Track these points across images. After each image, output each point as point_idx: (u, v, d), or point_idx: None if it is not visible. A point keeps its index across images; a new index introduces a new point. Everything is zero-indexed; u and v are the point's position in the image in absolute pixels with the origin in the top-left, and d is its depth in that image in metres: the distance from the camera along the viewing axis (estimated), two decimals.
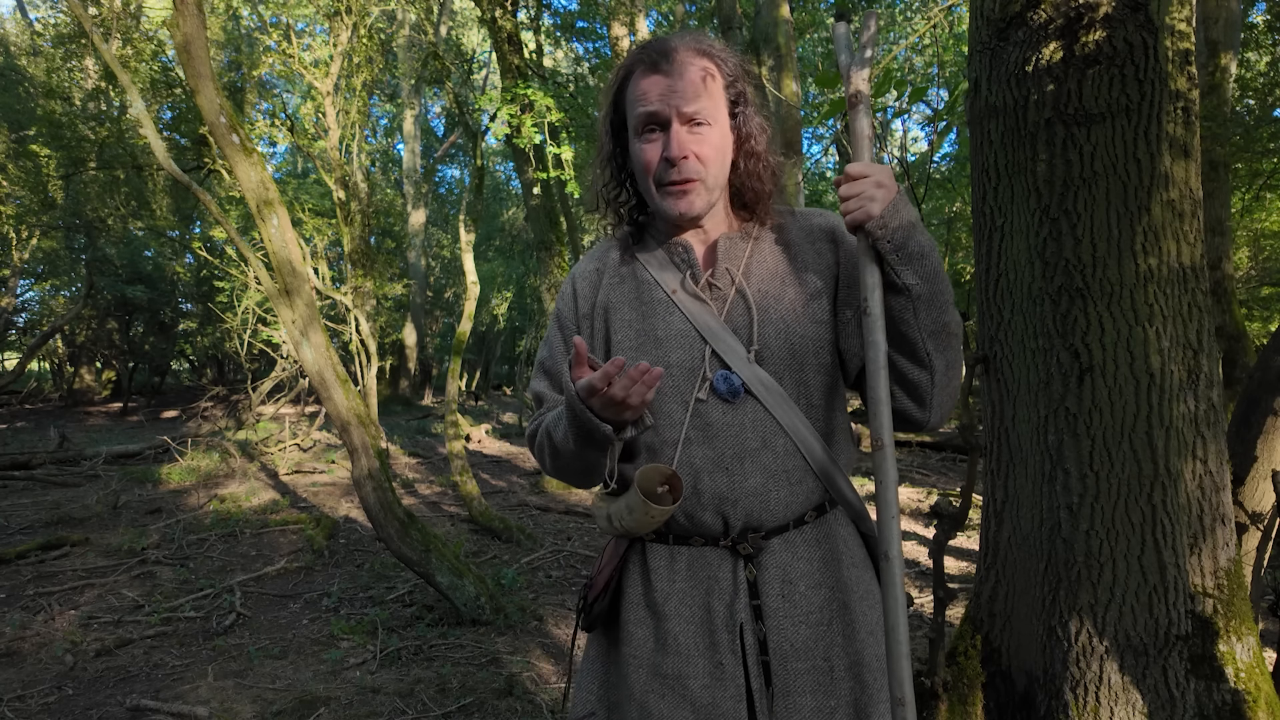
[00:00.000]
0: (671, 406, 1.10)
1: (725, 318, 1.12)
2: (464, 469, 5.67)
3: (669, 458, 1.09)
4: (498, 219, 22.18)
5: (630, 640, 1.13)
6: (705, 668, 1.07)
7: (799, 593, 1.09)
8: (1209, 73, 5.43)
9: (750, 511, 1.08)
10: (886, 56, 3.61)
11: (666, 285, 1.15)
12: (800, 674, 1.06)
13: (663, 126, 1.08)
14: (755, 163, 1.15)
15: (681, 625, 1.09)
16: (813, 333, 1.12)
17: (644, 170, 1.11)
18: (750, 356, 1.09)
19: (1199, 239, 1.76)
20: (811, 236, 1.18)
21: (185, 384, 19.12)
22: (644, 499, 1.03)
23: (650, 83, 1.08)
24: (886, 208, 1.00)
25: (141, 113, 4.18)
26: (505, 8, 6.76)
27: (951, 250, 11.77)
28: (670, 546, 1.13)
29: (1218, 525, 1.71)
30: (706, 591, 1.09)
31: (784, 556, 1.10)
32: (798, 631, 1.07)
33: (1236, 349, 5.01)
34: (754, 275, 1.14)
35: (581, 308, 1.22)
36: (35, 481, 6.85)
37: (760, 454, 1.08)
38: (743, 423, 1.08)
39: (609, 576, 1.15)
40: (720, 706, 1.06)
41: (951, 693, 1.92)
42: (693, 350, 1.10)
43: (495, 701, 2.88)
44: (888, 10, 15.82)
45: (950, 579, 3.94)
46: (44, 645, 3.40)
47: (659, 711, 1.08)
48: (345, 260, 11.60)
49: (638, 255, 1.20)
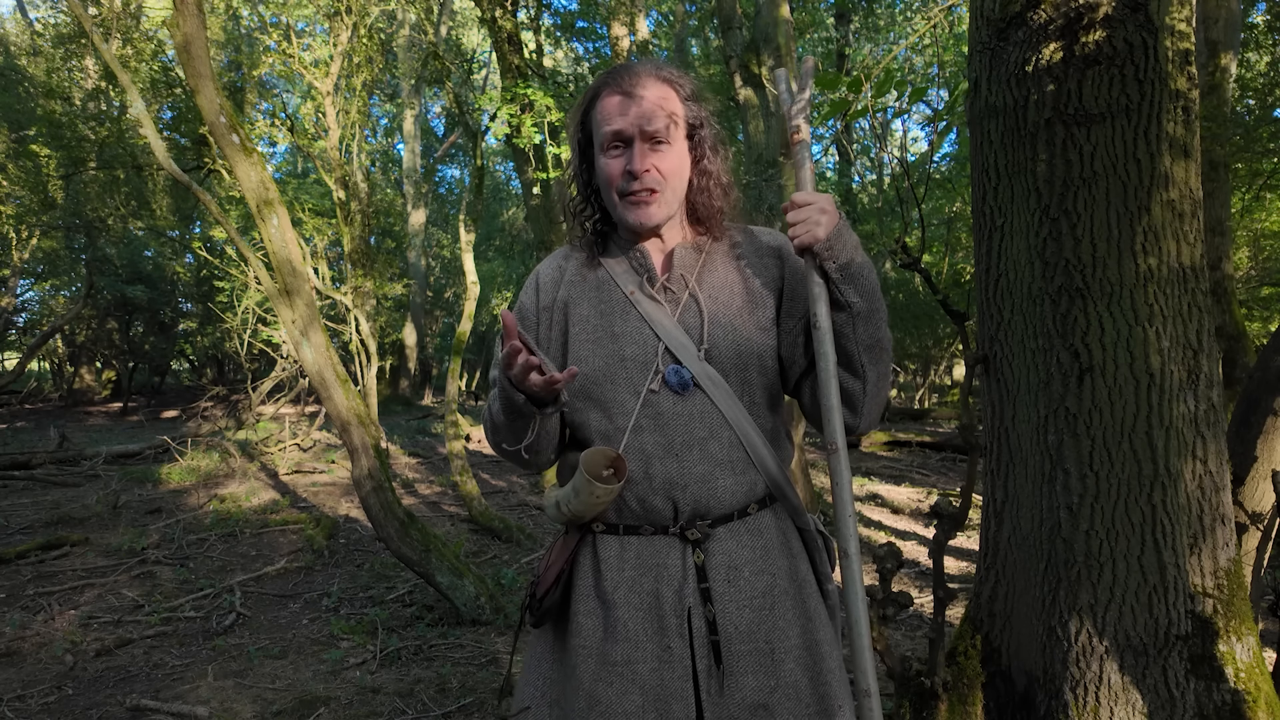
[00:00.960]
0: (624, 396, 1.18)
1: (678, 318, 1.21)
2: (464, 469, 5.67)
3: (619, 443, 1.16)
4: (498, 219, 22.18)
5: (579, 631, 1.17)
6: (653, 651, 1.13)
7: (743, 578, 1.16)
8: (1209, 73, 5.43)
9: (698, 497, 1.15)
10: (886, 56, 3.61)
11: (625, 287, 1.24)
12: (743, 655, 1.13)
13: (626, 143, 1.19)
14: (708, 180, 1.25)
15: (630, 612, 1.15)
16: (757, 338, 1.21)
17: (608, 182, 1.21)
18: (700, 354, 1.18)
19: (1199, 239, 1.76)
20: (760, 252, 1.28)
21: (185, 384, 19.13)
22: (589, 479, 1.09)
23: (616, 104, 1.18)
24: (831, 232, 1.11)
25: (141, 113, 4.18)
26: (505, 8, 6.76)
27: (951, 250, 11.77)
28: (620, 537, 1.19)
29: (1218, 525, 1.71)
30: (655, 578, 1.16)
31: (729, 544, 1.17)
32: (741, 615, 1.14)
33: (1236, 349, 5.01)
34: (706, 282, 1.24)
35: (543, 300, 1.30)
36: (35, 481, 6.85)
37: (707, 443, 1.16)
38: (691, 413, 1.16)
39: (560, 570, 1.20)
40: (669, 687, 1.11)
41: (951, 693, 1.92)
42: (647, 346, 1.19)
43: (495, 701, 2.88)
44: (888, 10, 15.82)
45: (950, 579, 3.94)
46: (44, 645, 3.40)
47: (607, 698, 1.12)
48: (345, 260, 11.59)
49: (600, 259, 1.28)
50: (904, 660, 1.99)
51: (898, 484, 7.31)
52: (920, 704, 1.93)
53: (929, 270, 2.28)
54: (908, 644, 3.34)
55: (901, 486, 7.18)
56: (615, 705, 1.11)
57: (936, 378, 18.19)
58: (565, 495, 1.15)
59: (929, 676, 1.92)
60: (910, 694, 1.94)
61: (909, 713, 1.94)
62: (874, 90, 2.09)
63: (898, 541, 5.01)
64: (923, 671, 1.94)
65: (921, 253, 2.23)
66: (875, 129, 2.85)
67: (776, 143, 6.98)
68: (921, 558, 4.76)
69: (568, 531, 1.24)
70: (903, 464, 8.44)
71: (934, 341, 15.09)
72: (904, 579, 4.31)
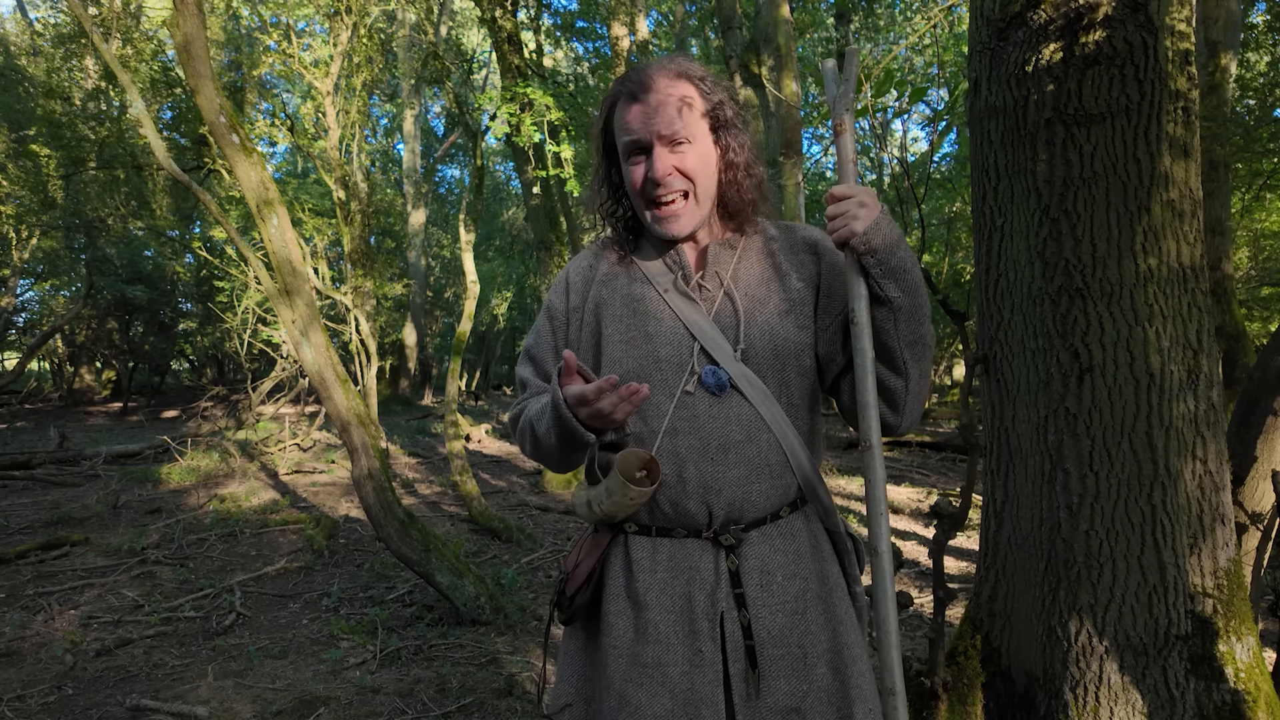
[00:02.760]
0: (659, 398, 1.16)
1: (714, 317, 1.18)
2: (464, 469, 5.67)
3: (653, 446, 1.14)
4: (498, 219, 22.18)
5: (610, 631, 1.16)
6: (685, 655, 1.12)
7: (776, 583, 1.14)
8: (1209, 73, 5.43)
9: (733, 502, 1.13)
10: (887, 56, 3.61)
11: (659, 285, 1.21)
12: (776, 660, 1.12)
13: (645, 151, 1.17)
14: (737, 173, 1.21)
15: (662, 614, 1.13)
16: (795, 337, 1.18)
17: (634, 191, 1.20)
18: (737, 354, 1.15)
19: (1199, 239, 1.76)
20: (795, 248, 1.25)
21: (185, 384, 19.13)
22: (623, 481, 1.08)
23: (631, 113, 1.17)
24: (870, 225, 1.08)
25: (141, 112, 4.18)
26: (505, 8, 6.76)
27: (951, 250, 11.77)
28: (653, 539, 1.17)
29: (1218, 525, 1.71)
30: (688, 581, 1.14)
31: (762, 549, 1.15)
32: (774, 619, 1.13)
33: (1236, 349, 5.01)
34: (741, 280, 1.21)
35: (573, 301, 1.27)
36: (35, 481, 6.85)
37: (744, 446, 1.13)
38: (728, 415, 1.14)
39: (591, 568, 1.19)
40: (699, 692, 1.10)
41: (951, 692, 1.93)
42: (681, 346, 1.17)
43: (495, 701, 2.88)
44: (888, 10, 15.81)
45: (950, 579, 3.94)
46: (44, 645, 3.40)
47: (637, 700, 1.11)
48: (345, 260, 11.59)
49: (633, 257, 1.26)
50: (904, 660, 1.98)
51: (898, 484, 7.31)
52: (920, 704, 1.93)
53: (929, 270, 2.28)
54: (908, 644, 3.33)
55: (901, 486, 7.18)
56: (645, 708, 1.10)
57: (936, 378, 18.20)
58: (598, 495, 1.14)
59: (929, 676, 1.92)
60: (910, 694, 1.94)
61: (909, 713, 1.94)
62: (874, 90, 2.09)
63: (898, 541, 5.01)
64: (923, 671, 1.94)
65: (921, 253, 2.23)
66: (875, 129, 2.85)
67: (777, 143, 6.98)
68: (921, 558, 4.76)
69: (597, 530, 1.22)
70: (903, 464, 8.44)
71: (934, 341, 15.10)
72: (904, 579, 4.31)
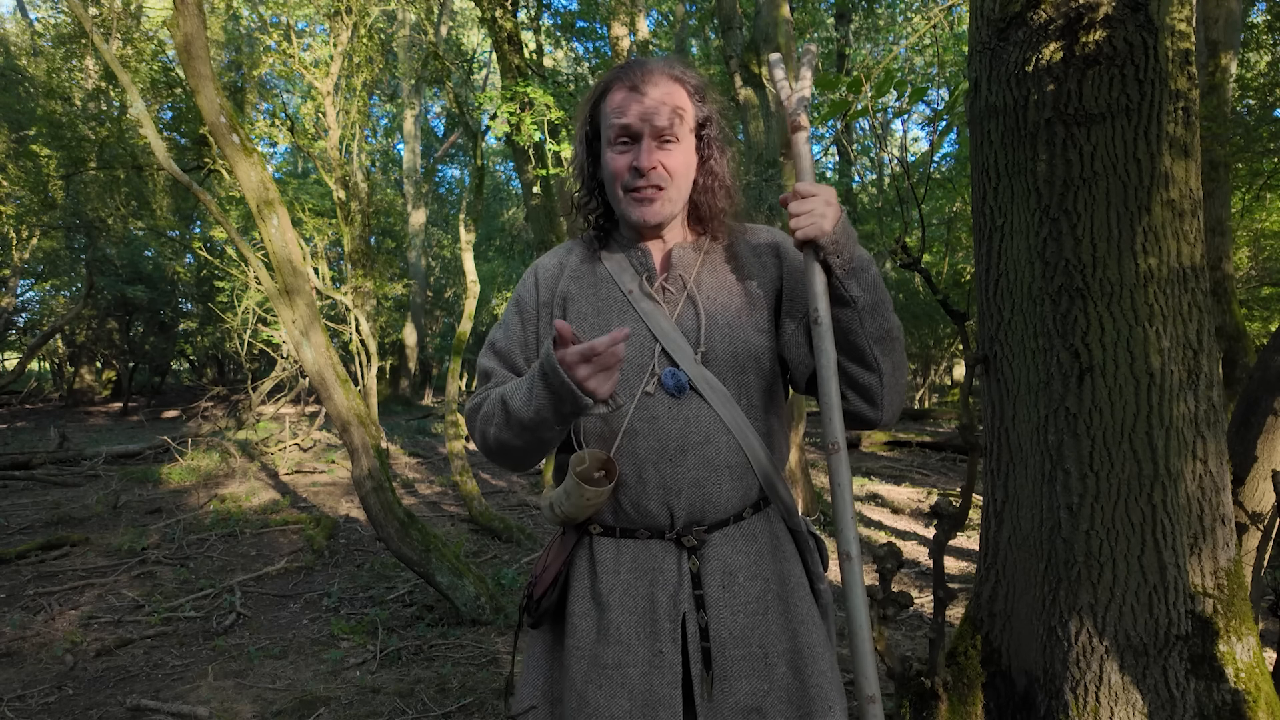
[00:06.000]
0: (619, 399, 1.14)
1: (676, 319, 1.19)
2: (464, 469, 5.67)
3: (612, 446, 1.15)
4: (498, 219, 22.19)
5: (574, 632, 1.17)
6: (645, 656, 1.12)
7: (738, 584, 1.15)
8: (1209, 73, 5.43)
9: (693, 503, 1.14)
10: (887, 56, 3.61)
11: (624, 285, 1.22)
12: (737, 660, 1.12)
13: (634, 139, 1.17)
14: (713, 181, 1.23)
15: (624, 615, 1.14)
16: (755, 340, 1.19)
17: (613, 177, 1.19)
18: (697, 357, 1.16)
19: (1199, 239, 1.76)
20: (758, 251, 1.26)
21: (185, 384, 19.13)
22: (578, 481, 1.09)
23: (626, 99, 1.17)
24: (836, 225, 1.08)
25: (142, 113, 4.18)
26: (505, 8, 6.76)
27: (951, 250, 11.77)
28: (617, 540, 1.18)
29: (1218, 525, 1.71)
30: (650, 582, 1.15)
31: (724, 550, 1.16)
32: (736, 620, 1.14)
33: (1236, 349, 5.00)
34: (704, 283, 1.22)
35: (542, 296, 1.28)
36: (35, 481, 6.85)
37: (703, 447, 1.14)
38: (687, 417, 1.14)
39: (557, 571, 1.19)
40: (657, 693, 1.11)
41: (952, 693, 1.92)
42: (643, 348, 1.17)
43: (495, 701, 2.88)
44: (888, 10, 15.82)
45: (950, 579, 3.94)
46: (44, 645, 3.40)
47: (596, 701, 1.12)
48: (345, 260, 11.59)
49: (600, 256, 1.27)
50: (904, 660, 1.99)
51: (898, 484, 7.31)
52: (920, 704, 1.93)
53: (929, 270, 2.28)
54: (908, 644, 3.34)
55: (901, 486, 7.18)
56: (604, 708, 1.11)
57: (936, 378, 18.20)
58: (558, 497, 1.15)
59: (929, 676, 1.92)
60: (910, 694, 1.94)
61: (909, 713, 1.94)
62: (874, 90, 2.09)
63: (898, 541, 5.01)
64: (923, 671, 1.94)
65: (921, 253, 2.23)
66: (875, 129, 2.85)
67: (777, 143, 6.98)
68: (921, 558, 4.76)
69: (565, 532, 1.23)
70: (903, 464, 8.44)
71: (934, 341, 15.10)
72: (904, 579, 4.31)
